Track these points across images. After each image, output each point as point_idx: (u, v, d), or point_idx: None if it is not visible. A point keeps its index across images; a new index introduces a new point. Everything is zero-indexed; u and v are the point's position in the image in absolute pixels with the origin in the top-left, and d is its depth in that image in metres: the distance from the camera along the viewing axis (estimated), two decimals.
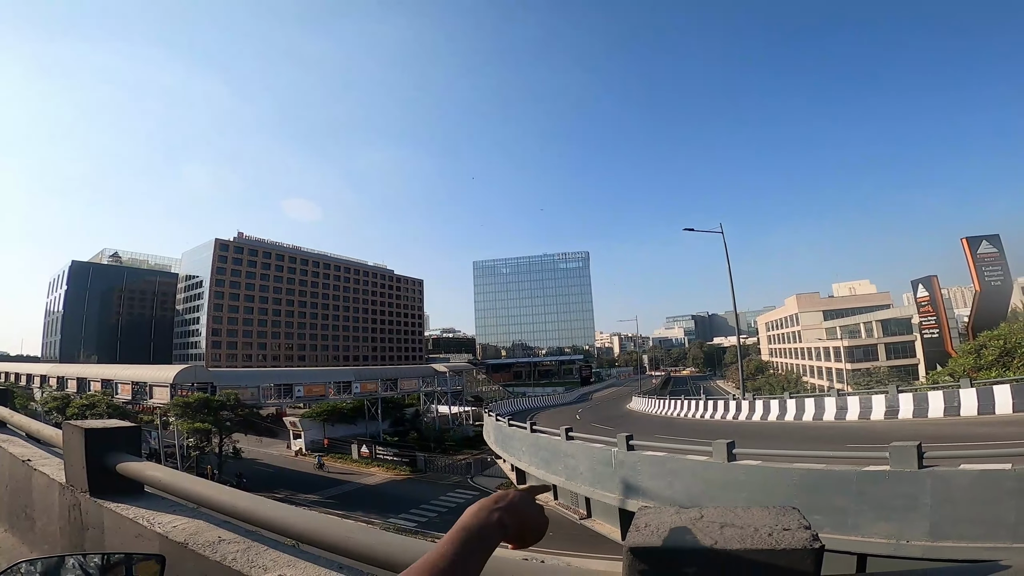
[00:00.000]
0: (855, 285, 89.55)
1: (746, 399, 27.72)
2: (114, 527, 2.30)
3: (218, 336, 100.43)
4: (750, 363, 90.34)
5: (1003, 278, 51.07)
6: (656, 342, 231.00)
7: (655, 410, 39.55)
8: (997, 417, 15.94)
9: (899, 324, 63.56)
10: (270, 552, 1.81)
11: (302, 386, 50.93)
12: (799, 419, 22.71)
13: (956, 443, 10.92)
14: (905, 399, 19.36)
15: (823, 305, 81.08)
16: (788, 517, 0.99)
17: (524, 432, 19.34)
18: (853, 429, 18.26)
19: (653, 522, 1.02)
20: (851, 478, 7.81)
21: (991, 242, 51.63)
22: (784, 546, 0.89)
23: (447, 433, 56.41)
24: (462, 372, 74.94)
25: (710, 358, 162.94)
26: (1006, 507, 6.39)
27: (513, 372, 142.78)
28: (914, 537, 6.97)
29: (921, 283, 57.29)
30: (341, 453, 47.84)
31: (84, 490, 2.49)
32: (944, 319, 54.45)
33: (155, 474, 2.34)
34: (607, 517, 14.30)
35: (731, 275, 31.91)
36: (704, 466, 10.24)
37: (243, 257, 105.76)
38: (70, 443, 2.63)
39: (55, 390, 50.10)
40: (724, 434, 13.85)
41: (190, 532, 2.00)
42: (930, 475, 7.04)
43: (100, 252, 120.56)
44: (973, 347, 29.35)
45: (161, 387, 41.93)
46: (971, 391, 17.49)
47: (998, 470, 6.68)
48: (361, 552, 1.50)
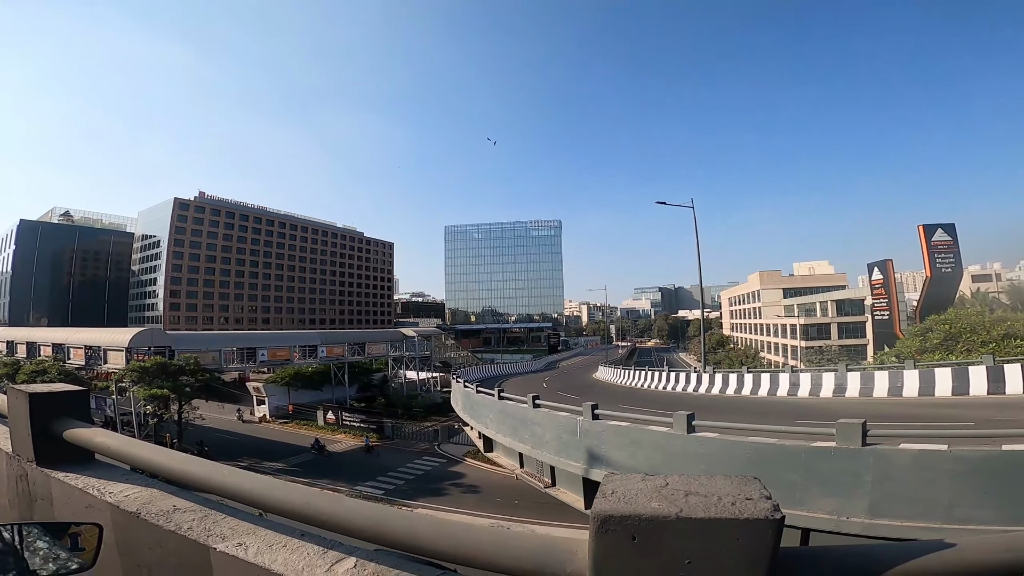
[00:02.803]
0: (815, 265, 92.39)
1: (707, 372, 28.38)
2: (63, 498, 2.21)
3: (176, 298, 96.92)
4: (712, 337, 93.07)
5: (954, 266, 53.46)
6: (624, 312, 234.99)
7: (620, 380, 40.44)
8: (937, 399, 16.57)
9: (852, 305, 66.24)
10: (228, 520, 1.78)
11: (266, 350, 49.86)
12: (755, 393, 23.48)
13: (898, 423, 11.33)
14: (853, 378, 19.94)
15: (784, 283, 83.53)
16: (750, 487, 1.04)
17: (492, 399, 19.25)
18: (804, 405, 18.84)
19: (620, 489, 1.05)
20: (800, 453, 7.88)
21: (946, 230, 53.79)
22: (747, 516, 0.93)
23: (415, 399, 56.36)
24: (431, 337, 74.81)
25: (675, 330, 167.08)
26: (941, 488, 6.54)
27: (482, 338, 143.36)
28: (854, 514, 7.10)
29: (877, 266, 59.57)
30: (306, 419, 47.36)
31: (31, 459, 2.36)
32: (895, 302, 57.01)
33: (104, 441, 2.24)
34: (571, 486, 14.44)
35: (699, 250, 32.52)
36: (665, 437, 10.29)
37: (204, 217, 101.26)
38: (14, 409, 2.47)
39: (3, 355, 47.69)
40: (685, 406, 14.13)
41: (143, 501, 1.95)
42: (872, 453, 7.13)
43: (50, 211, 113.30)
44: (920, 330, 30.83)
45: (116, 351, 40.32)
46: (914, 373, 18.09)
47: (935, 451, 6.80)
48: (323, 518, 1.50)
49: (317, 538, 1.62)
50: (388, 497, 26.69)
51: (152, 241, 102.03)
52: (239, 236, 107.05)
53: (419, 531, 1.35)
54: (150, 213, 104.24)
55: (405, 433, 43.53)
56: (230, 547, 1.60)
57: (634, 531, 0.96)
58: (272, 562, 1.51)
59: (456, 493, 28.02)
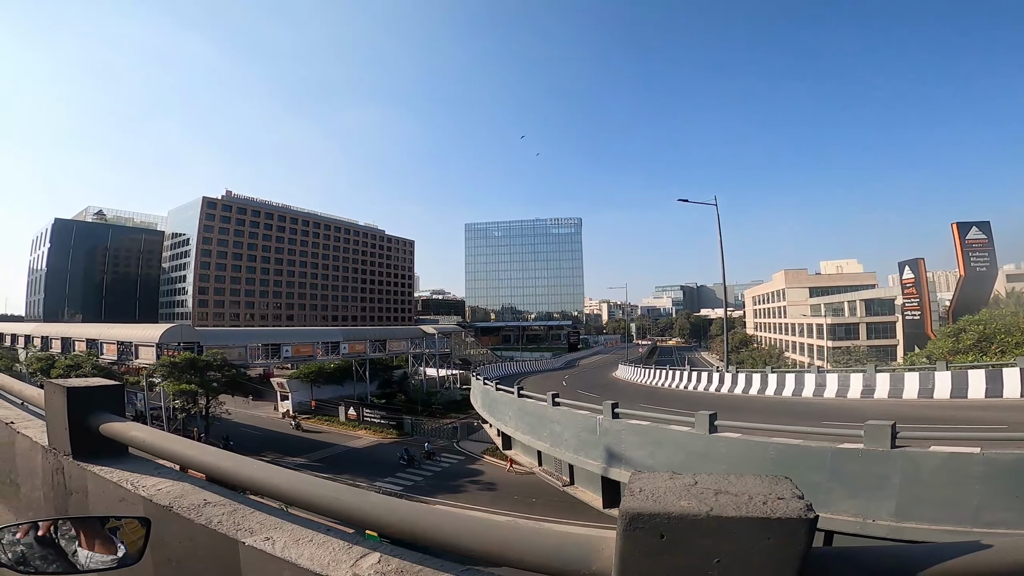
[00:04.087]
0: (843, 264, 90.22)
1: (729, 372, 27.98)
2: (98, 491, 2.25)
3: (205, 295, 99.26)
4: (735, 336, 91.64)
5: (989, 265, 51.56)
6: (644, 311, 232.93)
7: (640, 379, 40.16)
8: (969, 401, 16.13)
9: (882, 304, 64.48)
10: (256, 515, 1.81)
11: (290, 346, 50.54)
12: (779, 394, 23.12)
13: (928, 425, 11.06)
14: (882, 379, 19.51)
15: (810, 282, 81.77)
16: (781, 486, 1.02)
17: (511, 397, 19.32)
18: (830, 406, 18.50)
19: (648, 487, 1.04)
20: (826, 455, 7.81)
21: (981, 228, 51.89)
22: (779, 515, 0.91)
23: (434, 396, 56.67)
24: (451, 334, 75.16)
25: (696, 329, 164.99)
26: (970, 491, 6.41)
27: (502, 336, 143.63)
28: (880, 516, 7.01)
29: (908, 265, 57.82)
30: (328, 415, 48.00)
31: (67, 453, 2.40)
32: (927, 302, 55.23)
33: (138, 435, 2.28)
34: (589, 485, 14.47)
35: (722, 249, 31.89)
36: (687, 437, 10.25)
37: (231, 215, 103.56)
38: (52, 403, 2.51)
39: (39, 350, 49.09)
40: (707, 406, 13.99)
41: (175, 495, 1.98)
42: (901, 455, 7.04)
43: (84, 210, 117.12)
44: (952, 331, 29.86)
45: (147, 347, 41.20)
46: (946, 374, 17.58)
47: (966, 454, 6.67)
48: (349, 513, 1.52)
49: (342, 533, 1.64)
50: (407, 493, 26.90)
51: (181, 239, 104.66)
52: (264, 234, 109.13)
53: (443, 527, 1.37)
54: (179, 212, 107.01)
55: (424, 429, 43.80)
56: (258, 541, 1.63)
57: (663, 529, 0.95)
58: (299, 557, 1.53)
59: (474, 490, 28.13)
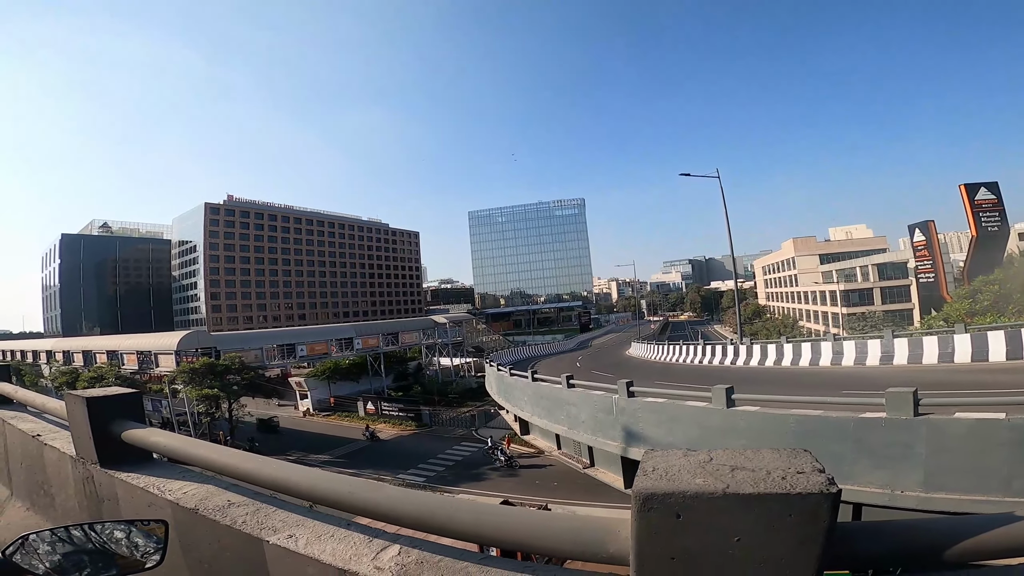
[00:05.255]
0: (851, 229, 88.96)
1: (743, 344, 27.70)
2: (127, 497, 2.31)
3: (217, 300, 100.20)
4: (747, 307, 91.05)
5: (1000, 224, 50.68)
6: (654, 287, 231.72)
7: (654, 356, 40.05)
8: (991, 364, 15.69)
9: (895, 268, 63.58)
10: (279, 513, 1.85)
11: (304, 345, 51.24)
12: (796, 364, 22.87)
13: (950, 391, 10.83)
14: (900, 344, 19.09)
15: (819, 249, 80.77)
16: (801, 460, 0.99)
17: (525, 381, 19.28)
18: (849, 374, 18.23)
19: (661, 466, 1.02)
20: (848, 425, 7.63)
21: (989, 189, 50.84)
22: (800, 490, 0.88)
23: (450, 385, 57.09)
24: (462, 323, 75.46)
25: (707, 302, 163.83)
26: (999, 458, 6.21)
27: (512, 321, 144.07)
28: (908, 487, 6.84)
29: (918, 227, 56.91)
30: (347, 411, 48.63)
31: (94, 461, 2.47)
32: (940, 264, 54.42)
33: (160, 440, 2.34)
34: (610, 466, 14.49)
35: (728, 221, 31.59)
36: (704, 412, 10.15)
37: (235, 219, 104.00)
38: (74, 414, 2.59)
39: (62, 365, 49.98)
40: (722, 379, 13.87)
41: (200, 498, 2.03)
42: (925, 423, 6.84)
43: (89, 223, 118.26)
44: (968, 292, 29.45)
45: (166, 355, 41.95)
46: (965, 337, 17.07)
47: (993, 419, 6.43)
48: (366, 507, 1.54)
49: (362, 527, 1.66)
50: (430, 484, 27.23)
51: (189, 246, 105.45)
52: (270, 236, 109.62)
53: (460, 516, 1.37)
54: (184, 219, 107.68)
55: (442, 420, 44.10)
56: (281, 539, 1.66)
57: (678, 509, 0.92)
58: (321, 552, 1.56)
59: (495, 477, 28.41)
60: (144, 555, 1.67)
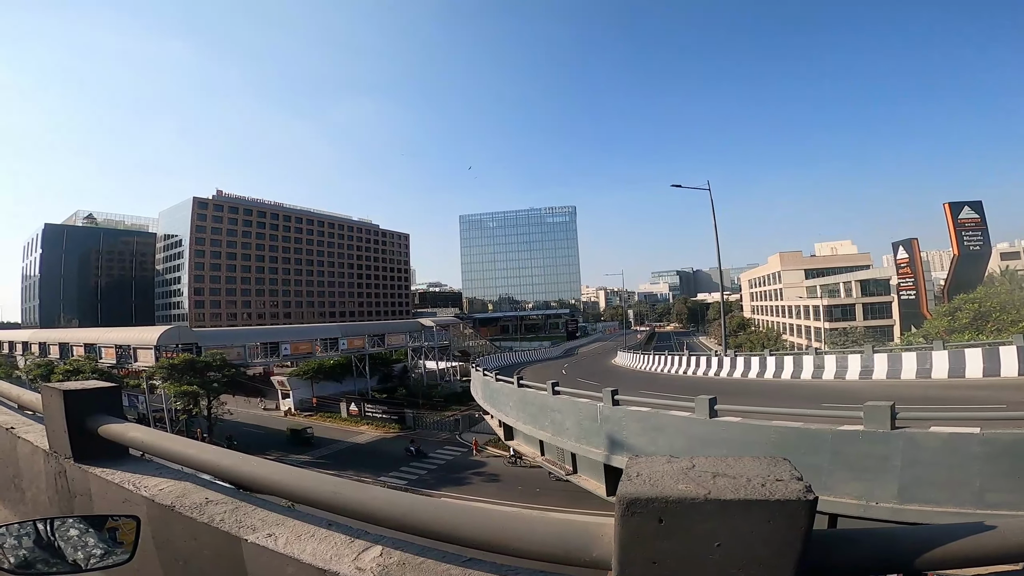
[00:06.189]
0: (837, 245, 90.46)
1: (728, 356, 28.05)
2: (101, 493, 2.26)
3: (201, 295, 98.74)
4: (732, 320, 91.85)
5: (982, 243, 51.86)
6: (641, 297, 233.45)
7: (639, 365, 40.29)
8: (967, 380, 16.14)
9: (878, 285, 64.72)
10: (258, 512, 1.82)
11: (289, 344, 50.62)
12: (778, 377, 23.21)
13: (927, 405, 11.05)
14: (880, 359, 19.52)
15: (805, 264, 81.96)
16: (780, 468, 1.02)
17: (511, 387, 19.26)
18: (829, 388, 18.54)
19: (645, 471, 1.04)
20: (826, 437, 7.75)
21: (973, 208, 52.14)
22: (778, 497, 0.91)
23: (435, 389, 56.86)
24: (449, 326, 75.25)
25: (694, 314, 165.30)
26: (972, 472, 6.37)
27: (500, 326, 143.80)
28: (883, 499, 6.96)
29: (902, 245, 58.06)
30: (330, 412, 48.15)
31: (68, 456, 2.40)
32: (922, 281, 55.52)
33: (137, 435, 2.28)
34: (593, 473, 14.46)
35: (717, 233, 31.91)
36: (687, 422, 10.22)
37: (223, 215, 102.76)
38: (50, 407, 2.51)
39: (38, 357, 49.11)
40: (706, 390, 14.04)
41: (177, 495, 1.99)
42: (901, 436, 6.98)
43: (74, 214, 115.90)
44: (948, 309, 30.05)
45: (145, 349, 41.30)
46: (943, 353, 17.59)
47: (967, 434, 6.60)
48: (349, 507, 1.53)
49: (344, 527, 1.64)
50: (412, 487, 27.04)
51: (174, 240, 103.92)
52: (258, 233, 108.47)
53: (444, 517, 1.36)
54: (171, 213, 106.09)
55: (426, 423, 43.91)
56: (260, 538, 1.63)
57: (661, 514, 0.94)
58: (301, 552, 1.53)
59: (478, 482, 28.31)
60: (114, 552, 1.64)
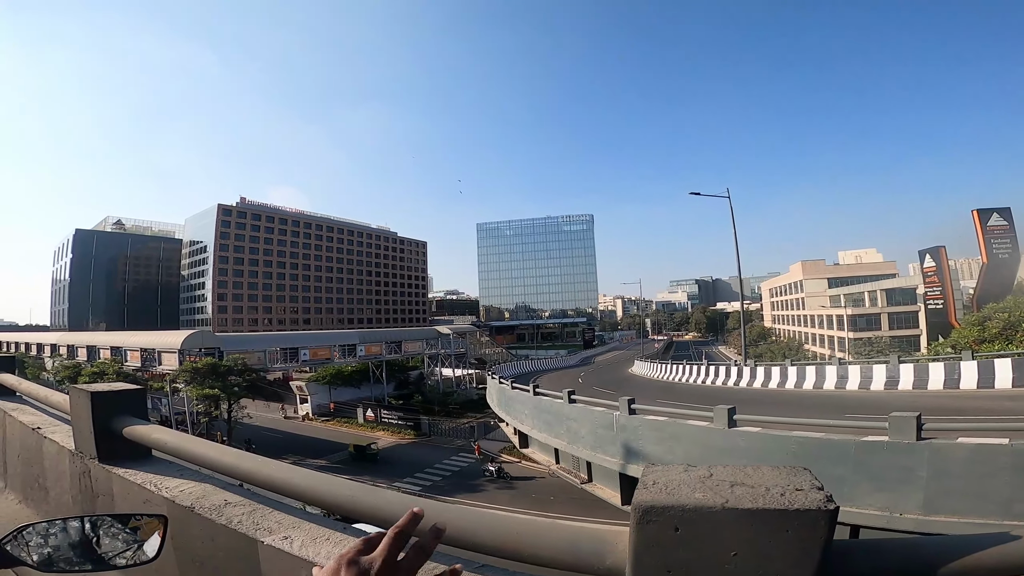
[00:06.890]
0: (861, 253, 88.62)
1: (747, 365, 27.67)
2: (123, 493, 2.30)
3: (224, 301, 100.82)
4: (752, 329, 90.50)
5: (1011, 251, 50.41)
6: (659, 306, 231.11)
7: (657, 374, 39.82)
8: (997, 391, 15.77)
9: (904, 294, 63.15)
10: (275, 514, 1.84)
11: (308, 349, 51.31)
12: (800, 387, 22.74)
13: (955, 416, 10.84)
14: (906, 370, 19.11)
15: (828, 272, 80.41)
16: (800, 477, 1.00)
17: (527, 395, 19.29)
18: (853, 398, 18.20)
19: (661, 480, 1.03)
20: (849, 448, 7.67)
21: (1002, 215, 50.75)
22: (797, 506, 0.89)
23: (451, 396, 56.96)
24: (465, 334, 75.50)
25: (713, 323, 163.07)
26: (1000, 482, 6.27)
27: (516, 334, 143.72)
28: (907, 510, 6.87)
29: (928, 253, 56.63)
30: (347, 417, 48.50)
31: (92, 456, 2.46)
32: (950, 290, 54.02)
33: (161, 437, 2.32)
34: (608, 481, 14.45)
35: (736, 242, 31.42)
36: (705, 432, 10.19)
37: (246, 222, 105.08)
38: (77, 408, 2.58)
39: (65, 359, 50.38)
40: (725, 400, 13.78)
41: (196, 496, 2.02)
42: (928, 447, 6.90)
43: (103, 220, 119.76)
44: (977, 319, 29.13)
45: (169, 353, 42.15)
46: (972, 364, 17.19)
47: (995, 444, 6.52)
48: (366, 512, 1.53)
49: (359, 531, 1.64)
50: (426, 493, 27.00)
51: (199, 247, 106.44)
52: (279, 239, 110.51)
53: (457, 522, 1.36)
54: (196, 220, 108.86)
55: (441, 430, 43.90)
56: (276, 540, 1.65)
57: (677, 522, 0.93)
58: (316, 555, 1.54)
59: (491, 489, 28.18)
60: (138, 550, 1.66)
